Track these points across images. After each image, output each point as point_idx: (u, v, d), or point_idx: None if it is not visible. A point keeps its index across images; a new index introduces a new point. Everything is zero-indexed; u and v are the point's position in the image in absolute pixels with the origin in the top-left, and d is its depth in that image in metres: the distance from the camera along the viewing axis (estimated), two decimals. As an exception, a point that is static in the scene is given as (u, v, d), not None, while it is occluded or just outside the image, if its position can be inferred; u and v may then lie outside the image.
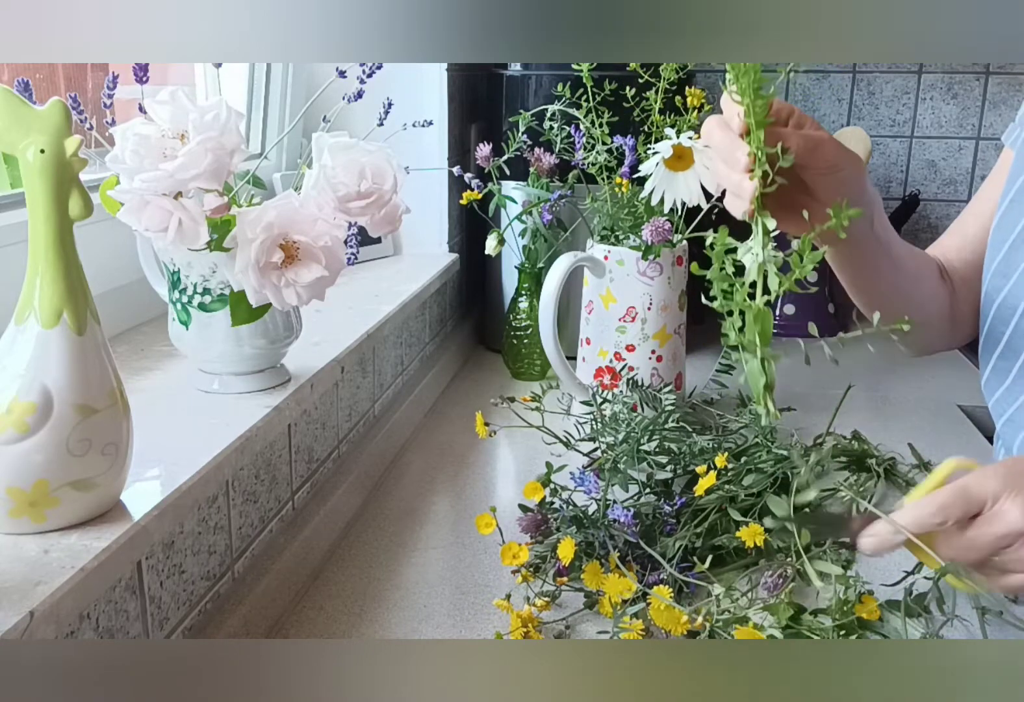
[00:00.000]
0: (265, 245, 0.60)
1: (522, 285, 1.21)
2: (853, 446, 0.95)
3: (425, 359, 1.18)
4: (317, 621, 0.69)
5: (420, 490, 0.91)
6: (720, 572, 0.74)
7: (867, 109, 1.66)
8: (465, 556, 0.78)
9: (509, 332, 1.22)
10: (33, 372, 0.47)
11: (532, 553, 0.73)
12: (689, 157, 0.85)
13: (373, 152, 0.64)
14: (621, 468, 0.79)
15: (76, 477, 0.48)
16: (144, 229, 0.58)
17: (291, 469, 0.75)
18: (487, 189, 0.99)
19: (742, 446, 0.86)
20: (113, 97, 0.60)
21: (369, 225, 0.66)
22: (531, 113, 1.02)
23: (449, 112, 1.21)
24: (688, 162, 0.85)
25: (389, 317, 0.93)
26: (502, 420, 0.86)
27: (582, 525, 0.72)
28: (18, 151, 0.46)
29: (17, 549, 0.47)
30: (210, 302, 0.65)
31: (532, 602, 0.68)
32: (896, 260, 0.76)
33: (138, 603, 0.53)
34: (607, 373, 1.00)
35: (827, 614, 0.65)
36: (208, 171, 0.56)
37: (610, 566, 0.68)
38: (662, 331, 0.99)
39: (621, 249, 0.98)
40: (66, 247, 0.47)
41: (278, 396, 0.68)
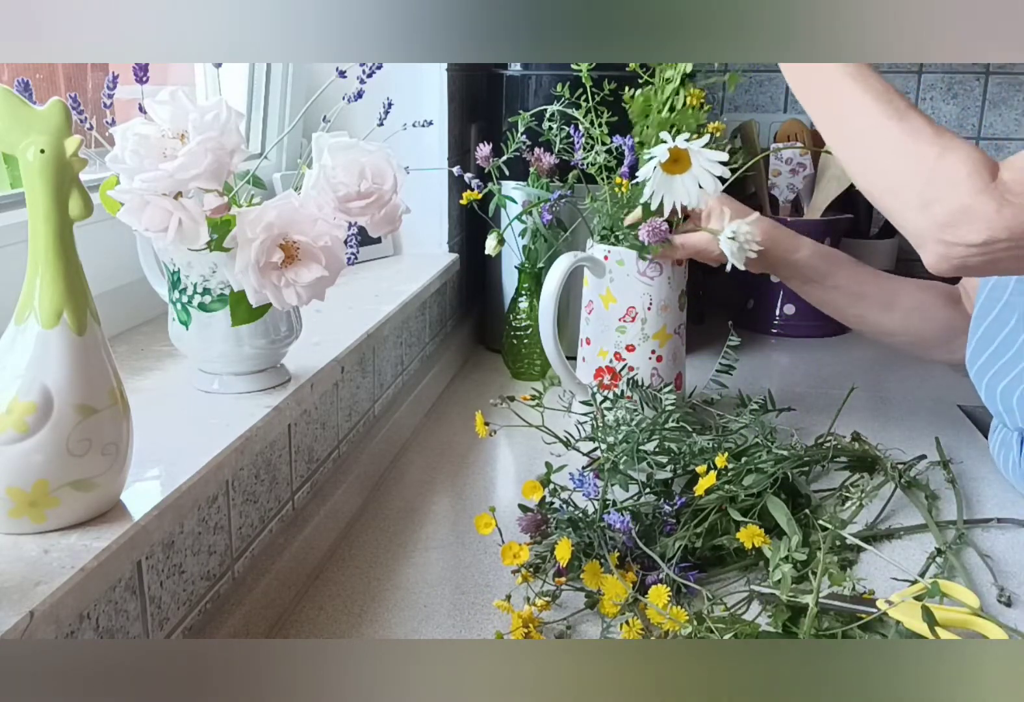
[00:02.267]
0: (265, 245, 0.60)
1: (522, 285, 1.21)
2: (854, 446, 0.95)
3: (425, 359, 1.18)
4: (317, 621, 0.69)
5: (420, 490, 0.91)
6: (720, 572, 0.75)
7: (867, 109, 1.65)
8: (465, 556, 0.78)
9: (509, 332, 1.22)
10: (33, 372, 0.47)
11: (532, 553, 0.73)
12: (686, 160, 0.85)
13: (373, 152, 0.64)
14: (621, 468, 0.79)
15: (76, 477, 0.48)
16: (144, 229, 0.58)
17: (291, 469, 0.75)
18: (487, 189, 0.99)
19: (742, 446, 0.86)
20: (113, 97, 0.60)
21: (369, 225, 0.66)
22: (531, 113, 1.02)
23: (449, 112, 1.21)
24: (685, 165, 0.86)
25: (389, 317, 0.93)
26: (502, 420, 0.86)
27: (578, 527, 0.72)
28: (18, 151, 0.46)
29: (17, 549, 0.47)
30: (210, 302, 0.65)
31: (532, 602, 0.68)
32: (857, 296, 0.97)
33: (138, 603, 0.53)
34: (607, 373, 1.00)
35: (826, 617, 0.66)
36: (208, 171, 0.56)
37: (610, 566, 0.68)
38: (662, 331, 0.99)
39: (621, 249, 0.98)
40: (66, 247, 0.47)
41: (278, 396, 0.68)
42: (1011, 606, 0.70)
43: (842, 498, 0.86)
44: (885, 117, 0.73)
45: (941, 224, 0.70)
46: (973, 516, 0.85)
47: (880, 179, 0.75)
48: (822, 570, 0.67)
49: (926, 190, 0.70)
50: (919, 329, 0.99)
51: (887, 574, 0.74)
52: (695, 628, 0.63)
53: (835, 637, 0.64)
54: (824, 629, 0.65)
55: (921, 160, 0.71)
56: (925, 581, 0.68)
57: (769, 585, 0.69)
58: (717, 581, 0.74)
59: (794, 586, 0.68)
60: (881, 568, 0.76)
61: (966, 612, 0.64)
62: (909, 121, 0.73)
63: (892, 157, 0.73)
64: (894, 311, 0.98)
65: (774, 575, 0.69)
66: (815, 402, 1.14)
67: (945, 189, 0.70)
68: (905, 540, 0.81)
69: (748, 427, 0.92)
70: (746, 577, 0.74)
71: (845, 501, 0.85)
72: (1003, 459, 0.92)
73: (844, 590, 0.69)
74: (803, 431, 0.99)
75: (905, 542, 0.81)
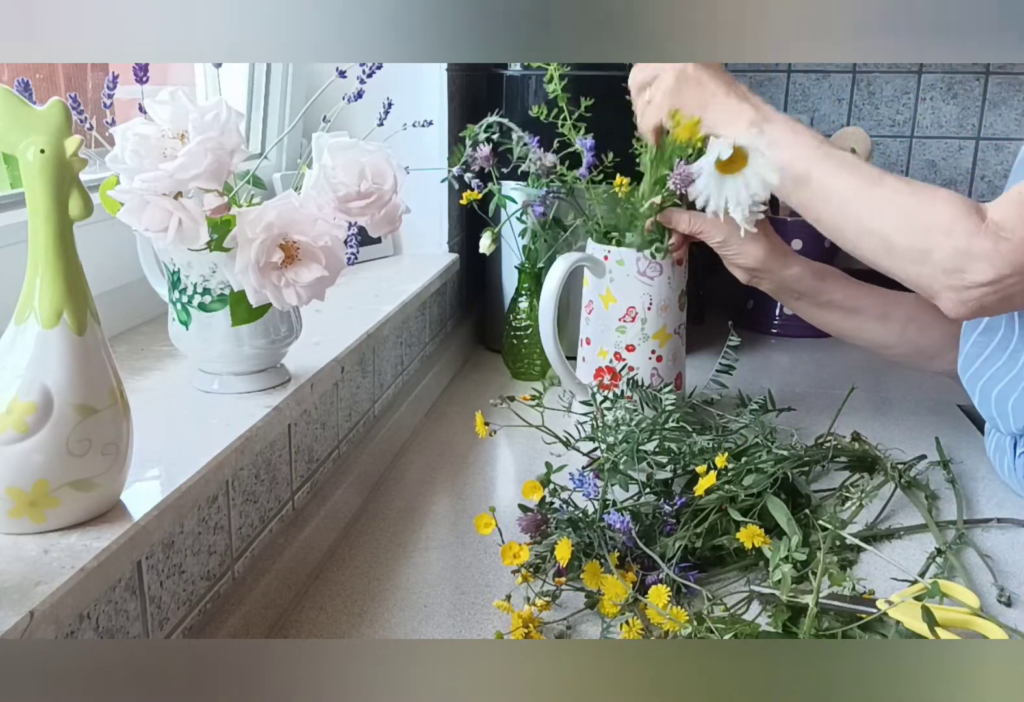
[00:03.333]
0: (265, 245, 0.60)
1: (522, 285, 1.21)
2: (854, 446, 0.95)
3: (425, 359, 1.18)
4: (317, 621, 0.69)
5: (420, 490, 0.91)
6: (720, 572, 0.75)
7: (867, 109, 1.66)
8: (465, 556, 0.78)
9: (509, 332, 1.22)
10: (33, 372, 0.47)
11: (532, 553, 0.73)
12: (742, 160, 0.82)
13: (373, 152, 0.64)
14: (621, 468, 0.79)
15: (76, 477, 0.48)
16: (144, 229, 0.58)
17: (291, 469, 0.75)
18: (487, 189, 0.99)
19: (742, 446, 0.86)
20: (113, 97, 0.60)
21: (369, 225, 0.66)
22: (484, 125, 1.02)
23: (449, 112, 1.21)
24: (740, 164, 0.82)
25: (389, 317, 0.93)
26: (502, 420, 0.86)
27: (578, 527, 0.72)
28: (18, 151, 0.46)
29: (17, 549, 0.47)
30: (210, 302, 0.65)
31: (532, 602, 0.68)
32: (851, 310, 0.96)
33: (138, 603, 0.53)
34: (607, 373, 1.00)
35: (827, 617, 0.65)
36: (208, 171, 0.56)
37: (610, 566, 0.68)
38: (662, 331, 0.99)
39: (621, 249, 0.98)
40: (66, 247, 0.47)
41: (278, 396, 0.68)
42: (1011, 606, 0.70)
43: (842, 498, 0.86)
44: (866, 183, 0.77)
45: (946, 271, 0.71)
46: (973, 516, 0.85)
47: (873, 242, 0.77)
48: (822, 570, 0.67)
49: (920, 241, 0.72)
50: (916, 340, 0.98)
51: (887, 574, 0.74)
52: (695, 628, 0.63)
53: (835, 637, 0.64)
54: (824, 629, 0.65)
55: (907, 215, 0.74)
56: (925, 581, 0.68)
57: (769, 585, 0.69)
58: (717, 581, 0.74)
59: (794, 586, 0.68)
60: (881, 568, 0.76)
61: (966, 612, 0.64)
62: (885, 183, 0.76)
63: (880, 219, 0.76)
64: (889, 323, 0.97)
65: (774, 575, 0.69)
66: (815, 402, 1.14)
67: (938, 236, 0.72)
68: (905, 540, 0.81)
69: (748, 427, 0.92)
70: (746, 577, 0.74)
71: (845, 501, 0.85)
72: (999, 462, 0.92)
73: (844, 590, 0.69)
74: (803, 431, 0.99)
75: (905, 542, 0.81)
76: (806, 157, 0.80)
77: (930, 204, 0.73)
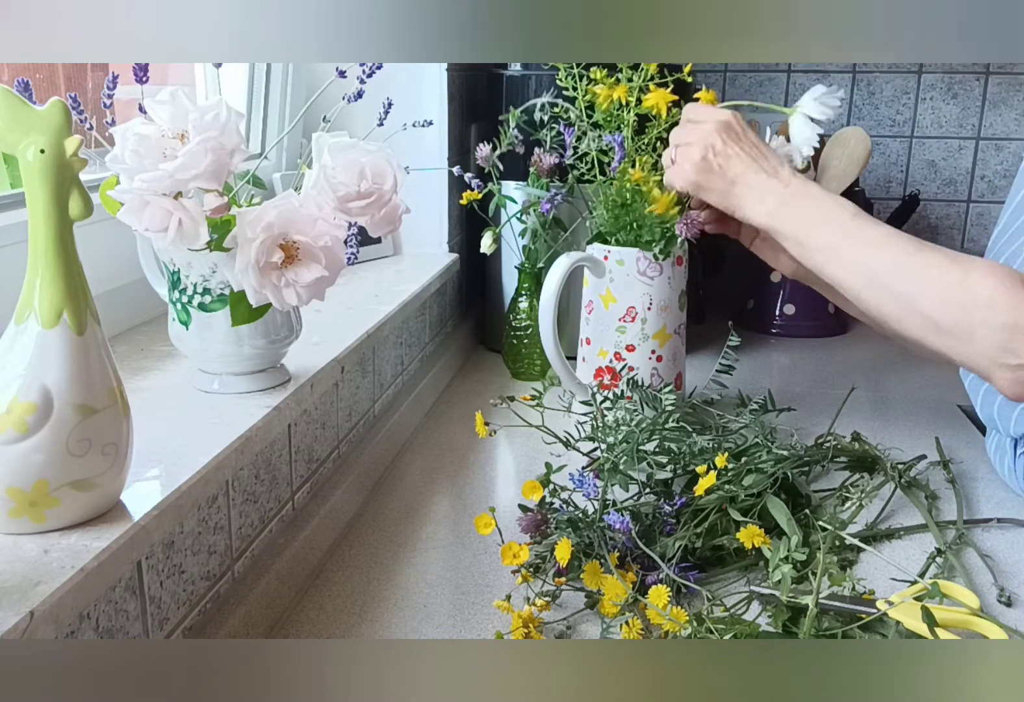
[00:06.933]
0: (265, 245, 0.60)
1: (522, 285, 1.21)
2: (854, 446, 0.95)
3: (425, 359, 1.18)
4: (317, 621, 0.69)
5: (420, 490, 0.91)
6: (720, 572, 0.75)
7: (867, 109, 1.66)
8: (465, 556, 0.78)
9: (509, 332, 1.22)
10: (33, 372, 0.47)
11: (532, 553, 0.73)
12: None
13: (373, 152, 0.64)
14: (621, 468, 0.79)
15: (76, 477, 0.48)
16: (144, 229, 0.58)
17: (291, 469, 0.75)
18: (487, 189, 0.99)
19: (742, 446, 0.86)
20: (113, 97, 0.60)
21: (369, 225, 0.66)
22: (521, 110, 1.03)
23: (449, 112, 1.21)
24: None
25: (389, 317, 0.93)
26: (502, 420, 0.86)
27: (578, 527, 0.72)
28: (18, 151, 0.46)
29: (17, 549, 0.47)
30: (210, 302, 0.65)
31: (532, 602, 0.68)
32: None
33: (138, 603, 0.53)
34: (607, 373, 1.00)
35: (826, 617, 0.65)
36: (208, 171, 0.56)
37: (610, 566, 0.68)
38: (662, 331, 0.99)
39: (621, 249, 0.98)
40: (66, 247, 0.47)
41: (278, 396, 0.68)
42: (1011, 606, 0.70)
43: (842, 498, 0.86)
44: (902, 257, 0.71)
45: (997, 348, 0.67)
46: (973, 516, 0.85)
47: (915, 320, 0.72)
48: (822, 570, 0.67)
49: (965, 319, 0.67)
50: None
51: (887, 574, 0.74)
52: (695, 628, 0.63)
53: (835, 637, 0.64)
54: (824, 629, 0.65)
55: (946, 289, 0.68)
56: (925, 581, 0.68)
57: (769, 585, 0.69)
58: (717, 581, 0.74)
59: (794, 586, 0.68)
60: (881, 568, 0.76)
61: (966, 612, 0.64)
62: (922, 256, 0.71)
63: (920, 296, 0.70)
64: None
65: (774, 575, 0.69)
66: (815, 402, 1.14)
67: (982, 312, 0.67)
68: (905, 540, 0.81)
69: (748, 427, 0.92)
70: (746, 577, 0.74)
71: (845, 501, 0.85)
72: (999, 463, 0.92)
73: (844, 590, 0.69)
74: (803, 431, 0.99)
75: (905, 542, 0.81)
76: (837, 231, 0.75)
77: (968, 277, 0.68)
